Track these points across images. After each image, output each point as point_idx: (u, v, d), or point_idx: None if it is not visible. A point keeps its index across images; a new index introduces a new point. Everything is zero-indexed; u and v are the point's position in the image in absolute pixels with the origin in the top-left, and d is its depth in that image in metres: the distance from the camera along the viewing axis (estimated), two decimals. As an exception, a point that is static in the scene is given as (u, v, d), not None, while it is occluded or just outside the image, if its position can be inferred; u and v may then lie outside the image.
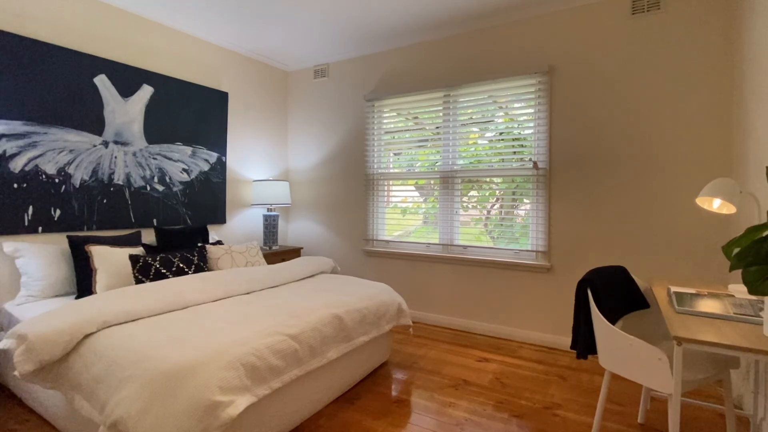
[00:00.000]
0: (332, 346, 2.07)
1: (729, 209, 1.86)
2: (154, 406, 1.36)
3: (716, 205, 1.88)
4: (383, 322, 2.48)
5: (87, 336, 1.71)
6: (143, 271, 2.44)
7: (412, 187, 3.78)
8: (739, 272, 2.31)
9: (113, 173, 2.96)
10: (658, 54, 2.70)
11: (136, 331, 1.73)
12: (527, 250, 3.17)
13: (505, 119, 3.30)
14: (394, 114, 3.83)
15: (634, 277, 2.00)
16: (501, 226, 3.37)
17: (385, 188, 3.89)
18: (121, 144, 3.01)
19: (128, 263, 2.51)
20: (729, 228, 2.52)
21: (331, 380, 2.17)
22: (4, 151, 2.44)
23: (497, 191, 3.34)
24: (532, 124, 3.15)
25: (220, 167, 3.74)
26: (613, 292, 1.85)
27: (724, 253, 1.23)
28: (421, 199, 3.75)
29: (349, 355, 2.30)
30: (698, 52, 2.59)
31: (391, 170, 3.86)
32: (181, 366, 1.45)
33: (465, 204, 3.48)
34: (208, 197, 3.65)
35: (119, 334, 1.70)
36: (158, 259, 2.53)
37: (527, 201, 3.19)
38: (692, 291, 1.78)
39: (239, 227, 4.00)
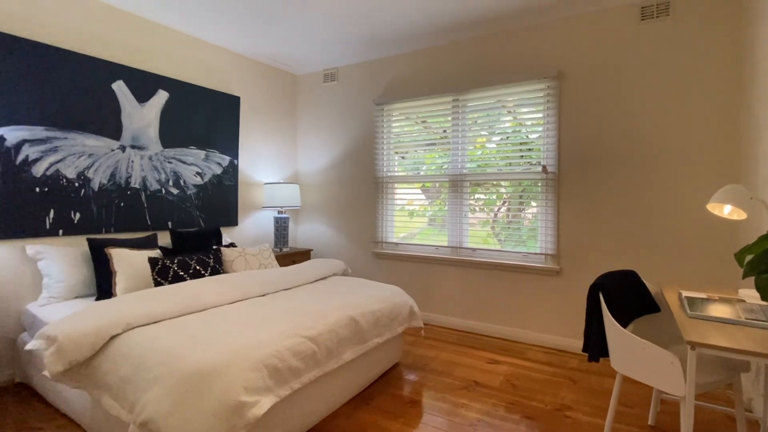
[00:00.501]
0: (348, 348, 2.11)
1: (740, 215, 1.89)
2: (182, 406, 1.41)
3: (727, 211, 1.91)
4: (396, 324, 2.53)
5: (113, 337, 1.77)
6: (162, 274, 2.49)
7: (419, 191, 3.82)
8: (750, 277, 2.33)
9: (130, 177, 3.02)
10: (667, 59, 2.73)
11: (160, 332, 1.78)
12: (536, 253, 3.20)
13: (513, 123, 3.34)
14: (403, 118, 3.88)
15: (644, 281, 2.03)
16: (508, 228, 3.40)
17: (394, 191, 3.93)
18: (137, 148, 3.07)
19: (147, 266, 2.57)
20: (738, 233, 2.55)
21: (346, 381, 2.22)
22: (27, 156, 2.50)
23: (504, 194, 3.38)
24: (540, 128, 3.18)
25: (232, 170, 3.79)
26: (625, 296, 1.89)
27: (736, 260, 1.27)
28: (427, 202, 3.79)
29: (363, 356, 2.35)
30: (707, 57, 2.62)
31: (400, 173, 3.90)
32: (207, 367, 1.50)
33: (472, 206, 3.52)
34: (221, 200, 3.70)
35: (144, 335, 1.76)
36: (176, 261, 2.59)
37: (534, 204, 3.23)
38: (703, 296, 1.81)
39: (250, 229, 4.06)
